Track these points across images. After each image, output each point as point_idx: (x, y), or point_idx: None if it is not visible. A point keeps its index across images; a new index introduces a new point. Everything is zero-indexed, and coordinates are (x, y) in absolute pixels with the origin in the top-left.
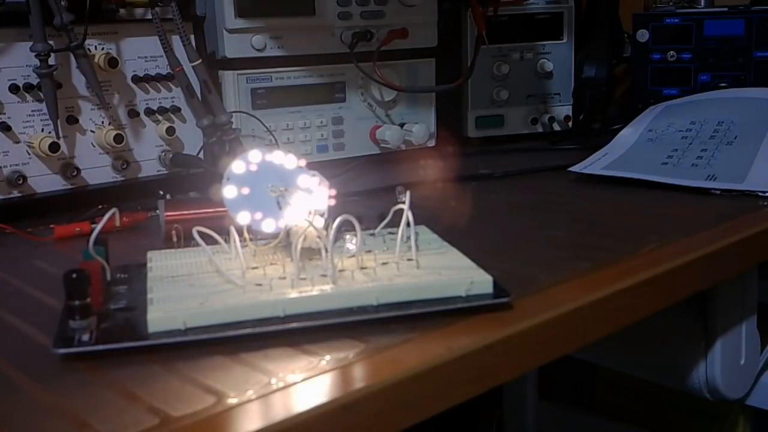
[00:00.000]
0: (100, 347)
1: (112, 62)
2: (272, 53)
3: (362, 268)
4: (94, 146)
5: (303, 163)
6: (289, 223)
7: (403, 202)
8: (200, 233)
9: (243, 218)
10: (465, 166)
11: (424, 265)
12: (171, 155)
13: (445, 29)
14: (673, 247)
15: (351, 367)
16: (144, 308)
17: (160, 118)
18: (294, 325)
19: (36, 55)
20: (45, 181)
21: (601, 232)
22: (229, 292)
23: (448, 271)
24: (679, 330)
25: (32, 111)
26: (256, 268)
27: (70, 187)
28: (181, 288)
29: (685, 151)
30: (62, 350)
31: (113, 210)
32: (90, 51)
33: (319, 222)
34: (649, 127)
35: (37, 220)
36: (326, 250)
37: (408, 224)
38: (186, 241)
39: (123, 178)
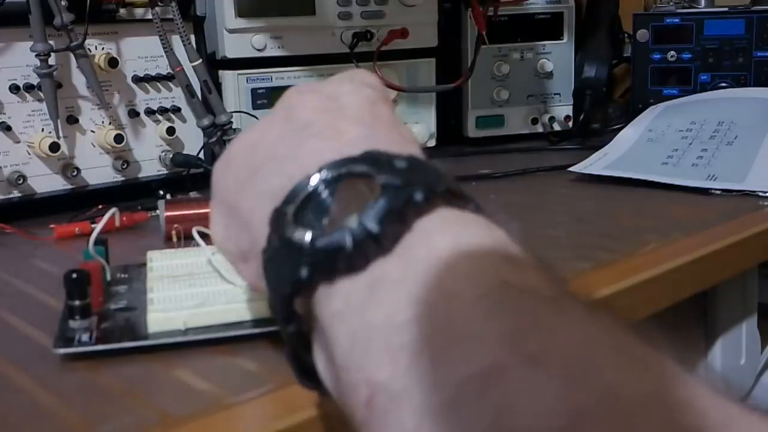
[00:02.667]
0: (100, 347)
1: (112, 62)
2: (272, 53)
3: None
4: (94, 146)
5: None
6: None
7: None
8: (200, 233)
9: None
10: (465, 166)
11: None
12: (171, 155)
13: (445, 29)
14: (673, 247)
15: None
16: (144, 308)
17: (160, 118)
18: None
19: (36, 55)
20: (45, 181)
21: (601, 232)
22: (228, 292)
23: None
24: (679, 330)
25: (32, 111)
26: None
27: (70, 187)
28: (181, 288)
29: (685, 151)
30: (62, 350)
31: (113, 210)
32: (90, 51)
33: None
34: (649, 127)
35: (37, 220)
36: None
37: None
38: (186, 241)
39: (123, 178)
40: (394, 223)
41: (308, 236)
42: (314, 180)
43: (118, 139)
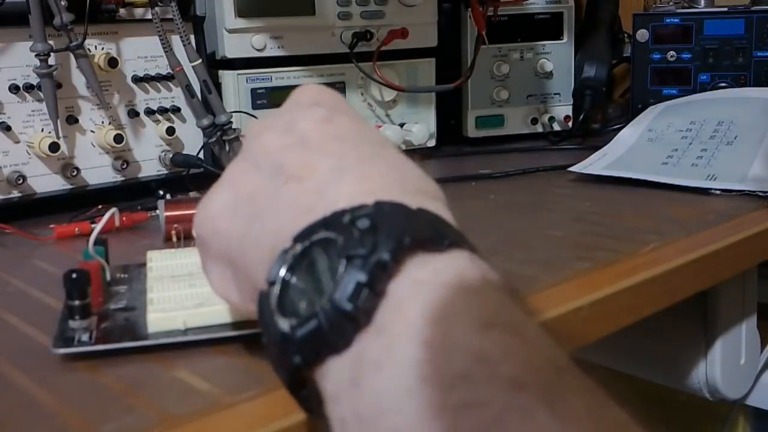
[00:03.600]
0: (100, 347)
1: (112, 62)
2: (272, 53)
3: None
4: (94, 146)
5: None
6: None
7: None
8: None
9: None
10: (465, 166)
11: None
12: (171, 155)
13: (445, 29)
14: (673, 247)
15: None
16: (144, 308)
17: (160, 118)
18: None
19: (36, 55)
20: (45, 181)
21: (601, 232)
22: None
23: None
24: (679, 330)
25: (32, 111)
26: None
27: (70, 187)
28: (181, 288)
29: (685, 151)
30: (62, 350)
31: (113, 210)
32: (90, 51)
33: None
34: (649, 127)
35: (37, 220)
36: None
37: None
38: (186, 241)
39: (123, 178)
40: (367, 297)
41: (289, 327)
42: (290, 256)
43: (118, 139)
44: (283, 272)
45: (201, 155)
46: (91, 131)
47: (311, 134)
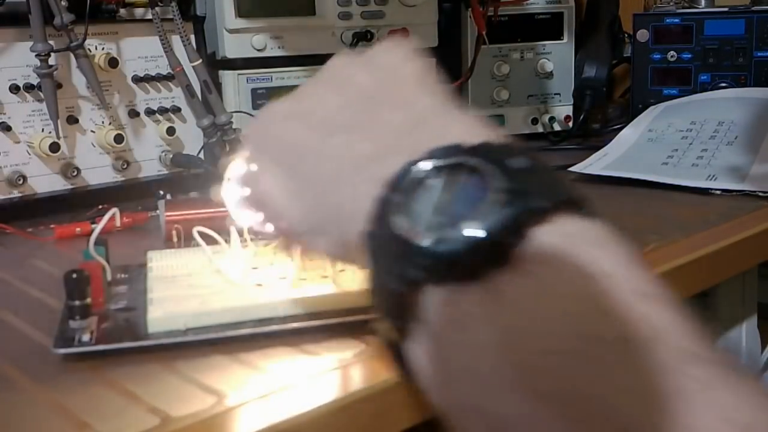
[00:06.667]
0: (100, 347)
1: (112, 62)
2: (272, 53)
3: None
4: (94, 146)
5: None
6: None
7: None
8: (200, 233)
9: (244, 219)
10: None
11: None
12: (171, 155)
13: (445, 29)
14: (673, 247)
15: (351, 367)
16: (144, 308)
17: (160, 118)
18: (294, 325)
19: (36, 55)
20: (45, 181)
21: None
22: (229, 292)
23: None
24: None
25: (32, 111)
26: (256, 268)
27: (70, 187)
28: (181, 288)
29: (685, 151)
30: (62, 350)
31: (113, 210)
32: (90, 51)
33: None
34: (649, 127)
35: (37, 220)
36: None
37: None
38: (186, 241)
39: (123, 178)
40: (514, 234)
41: (422, 237)
42: (425, 166)
43: (118, 139)
44: (419, 176)
45: (201, 155)
46: (92, 131)
47: (412, 77)
